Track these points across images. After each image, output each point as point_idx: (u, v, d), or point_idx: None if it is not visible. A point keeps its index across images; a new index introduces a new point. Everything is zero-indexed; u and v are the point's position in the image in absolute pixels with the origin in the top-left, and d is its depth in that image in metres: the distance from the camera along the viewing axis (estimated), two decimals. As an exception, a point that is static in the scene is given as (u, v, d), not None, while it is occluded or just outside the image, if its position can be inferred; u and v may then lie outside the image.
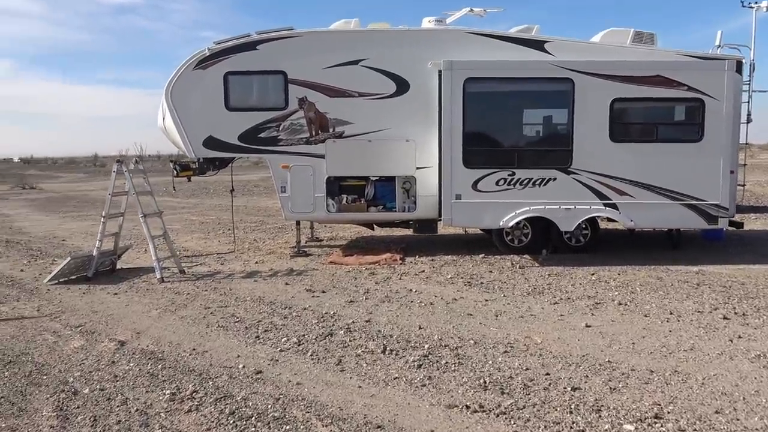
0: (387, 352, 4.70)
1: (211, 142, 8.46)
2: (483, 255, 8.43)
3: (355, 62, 8.30)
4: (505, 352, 4.69)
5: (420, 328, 5.32)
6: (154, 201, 8.04)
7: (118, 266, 8.18)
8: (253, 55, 8.32)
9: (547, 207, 8.00)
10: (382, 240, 10.17)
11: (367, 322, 5.52)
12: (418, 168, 8.46)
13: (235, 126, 8.41)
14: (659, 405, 3.70)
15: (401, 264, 8.14)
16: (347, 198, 8.70)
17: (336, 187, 8.67)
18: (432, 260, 8.31)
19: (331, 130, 8.44)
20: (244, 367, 4.45)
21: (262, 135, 8.43)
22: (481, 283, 6.99)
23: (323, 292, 6.69)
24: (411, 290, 6.69)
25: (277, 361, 4.58)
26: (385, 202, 8.74)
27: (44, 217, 15.03)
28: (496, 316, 5.69)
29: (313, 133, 8.43)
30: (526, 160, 8.04)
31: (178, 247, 9.71)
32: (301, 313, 5.84)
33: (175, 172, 9.32)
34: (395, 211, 8.69)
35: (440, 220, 8.39)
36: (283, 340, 5.05)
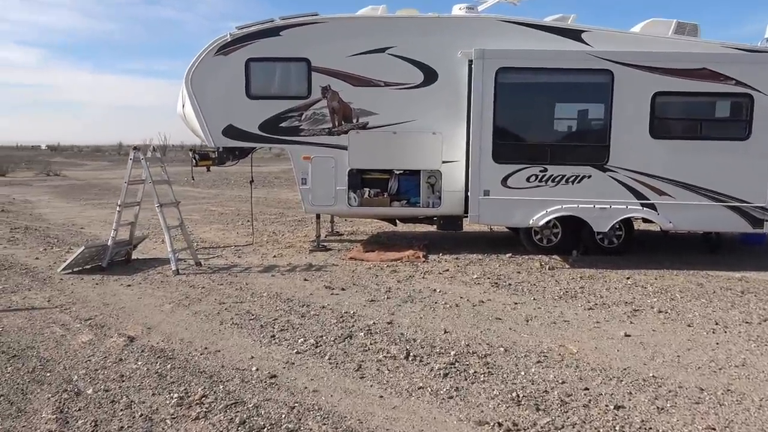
0: (410, 358, 4.38)
1: (231, 131, 8.19)
2: (510, 254, 8.06)
3: (382, 50, 7.94)
4: (539, 362, 4.33)
5: (445, 332, 4.99)
6: (171, 190, 7.83)
7: (134, 256, 7.98)
8: (276, 41, 8.02)
9: (580, 206, 7.58)
10: (404, 236, 9.83)
11: (388, 323, 5.20)
12: (444, 162, 8.10)
13: (255, 115, 8.13)
14: (714, 429, 3.32)
15: (424, 262, 7.81)
16: (370, 192, 8.36)
17: (358, 180, 8.35)
18: (456, 258, 7.96)
19: (354, 120, 8.11)
20: (257, 369, 4.16)
21: (283, 124, 8.15)
22: (509, 284, 6.62)
23: (343, 289, 6.39)
24: (435, 290, 6.36)
25: (293, 364, 4.29)
26: (409, 197, 8.39)
27: (65, 204, 15.01)
28: (527, 321, 5.33)
29: (336, 123, 8.12)
30: (560, 156, 7.62)
31: (196, 238, 9.52)
32: (320, 312, 5.55)
33: (194, 161, 9.15)
34: (419, 206, 8.34)
35: (466, 216, 8.03)
36: (299, 340, 4.76)
